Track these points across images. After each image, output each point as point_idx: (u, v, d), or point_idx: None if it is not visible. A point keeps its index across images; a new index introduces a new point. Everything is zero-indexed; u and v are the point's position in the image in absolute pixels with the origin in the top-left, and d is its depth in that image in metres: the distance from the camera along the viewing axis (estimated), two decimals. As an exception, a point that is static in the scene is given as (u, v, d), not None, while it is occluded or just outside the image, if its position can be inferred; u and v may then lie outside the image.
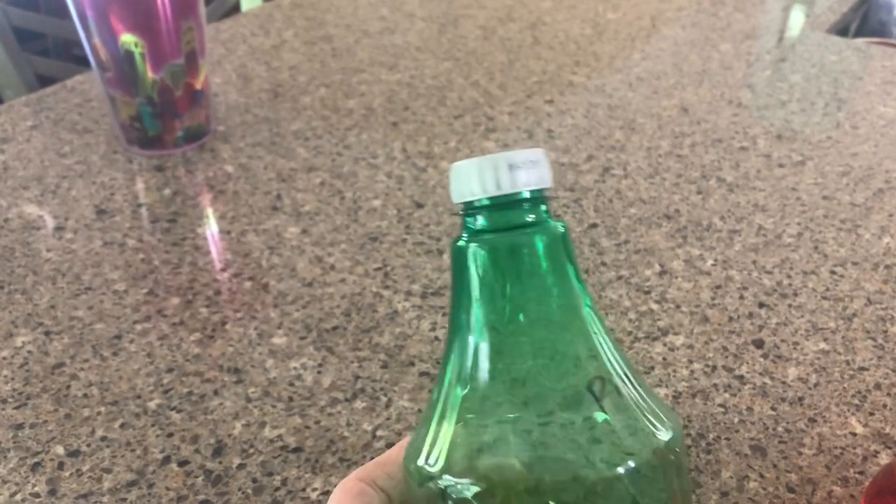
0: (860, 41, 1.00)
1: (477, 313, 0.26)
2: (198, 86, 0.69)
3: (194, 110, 0.70)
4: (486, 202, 0.26)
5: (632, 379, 0.26)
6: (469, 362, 0.26)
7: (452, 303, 0.27)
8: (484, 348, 0.25)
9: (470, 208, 0.26)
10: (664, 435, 0.25)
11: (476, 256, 0.26)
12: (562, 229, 0.26)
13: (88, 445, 0.44)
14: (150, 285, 0.55)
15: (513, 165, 0.25)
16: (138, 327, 0.52)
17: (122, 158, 0.70)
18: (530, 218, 0.26)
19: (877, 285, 0.56)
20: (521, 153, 0.25)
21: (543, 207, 0.26)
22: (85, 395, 0.47)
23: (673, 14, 1.02)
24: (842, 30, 1.10)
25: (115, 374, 0.49)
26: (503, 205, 0.26)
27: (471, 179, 0.25)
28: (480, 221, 0.26)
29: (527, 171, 0.25)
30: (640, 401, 0.25)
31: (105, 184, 0.66)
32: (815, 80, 0.85)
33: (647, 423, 0.25)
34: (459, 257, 0.26)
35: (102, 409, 0.46)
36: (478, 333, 0.26)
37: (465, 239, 0.26)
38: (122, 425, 0.45)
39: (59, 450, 0.44)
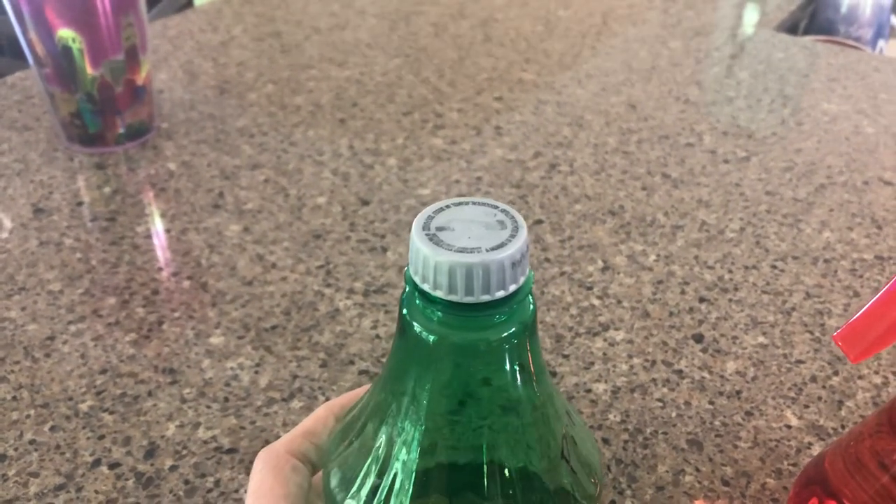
0: (807, 39, 1.01)
1: (421, 396, 0.24)
2: (139, 82, 0.68)
3: (136, 107, 0.68)
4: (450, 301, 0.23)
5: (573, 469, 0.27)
6: (411, 439, 0.25)
7: (395, 362, 0.26)
8: (430, 432, 0.25)
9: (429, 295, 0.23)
10: None
11: (429, 345, 0.24)
12: (528, 318, 0.24)
13: (16, 449, 0.43)
14: (87, 285, 0.54)
15: (488, 271, 0.22)
16: (72, 328, 0.51)
17: (62, 156, 0.68)
18: (497, 317, 0.23)
19: (816, 279, 0.56)
20: (504, 253, 0.22)
21: (513, 301, 0.23)
22: (14, 398, 0.46)
23: (624, 11, 1.03)
24: (791, 27, 1.11)
25: (46, 376, 0.47)
26: (469, 307, 0.23)
27: (436, 273, 0.22)
28: (438, 313, 0.23)
29: (507, 273, 0.22)
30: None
31: (44, 182, 0.65)
32: (762, 77, 0.86)
33: None
34: (411, 335, 0.24)
35: (32, 411, 0.45)
36: (419, 415, 0.25)
37: (419, 318, 0.24)
38: (51, 428, 0.44)
39: (-14, 454, 0.43)
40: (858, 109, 0.79)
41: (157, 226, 0.60)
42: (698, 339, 0.51)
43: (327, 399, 0.46)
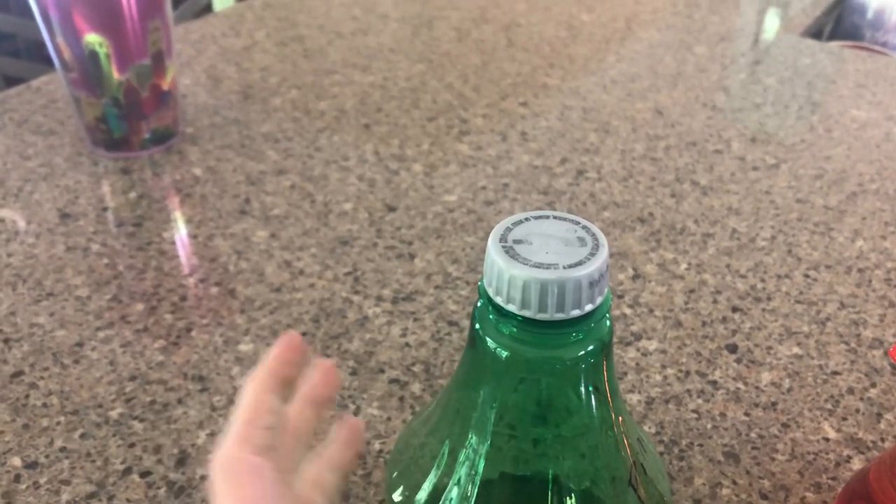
0: (834, 44, 1.00)
1: (493, 410, 0.24)
2: (165, 87, 0.68)
3: (161, 112, 0.68)
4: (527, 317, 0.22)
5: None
6: (482, 456, 0.24)
7: (465, 374, 0.25)
8: (497, 446, 0.24)
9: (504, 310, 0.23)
10: None
11: (501, 360, 0.23)
12: (606, 338, 0.24)
13: (47, 457, 0.43)
14: (114, 291, 0.54)
15: (568, 288, 0.21)
16: (101, 334, 0.51)
17: (87, 161, 0.68)
18: (573, 335, 0.23)
19: (850, 289, 0.56)
20: (581, 272, 0.22)
21: (591, 319, 0.23)
22: (44, 405, 0.46)
23: (648, 16, 1.02)
24: (815, 33, 1.10)
25: (75, 383, 0.47)
26: (543, 324, 0.22)
27: (510, 287, 0.22)
28: (512, 328, 0.23)
29: (584, 293, 0.22)
30: None
31: (69, 187, 0.65)
32: (789, 83, 0.85)
33: None
34: (482, 349, 0.23)
35: (62, 418, 0.45)
36: (487, 425, 0.24)
37: (492, 332, 0.23)
38: (82, 435, 0.44)
39: (16, 461, 0.42)
40: (888, 116, 0.78)
41: (184, 231, 0.60)
42: (732, 349, 0.51)
43: (357, 408, 0.46)
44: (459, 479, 0.25)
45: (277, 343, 0.31)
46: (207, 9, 1.54)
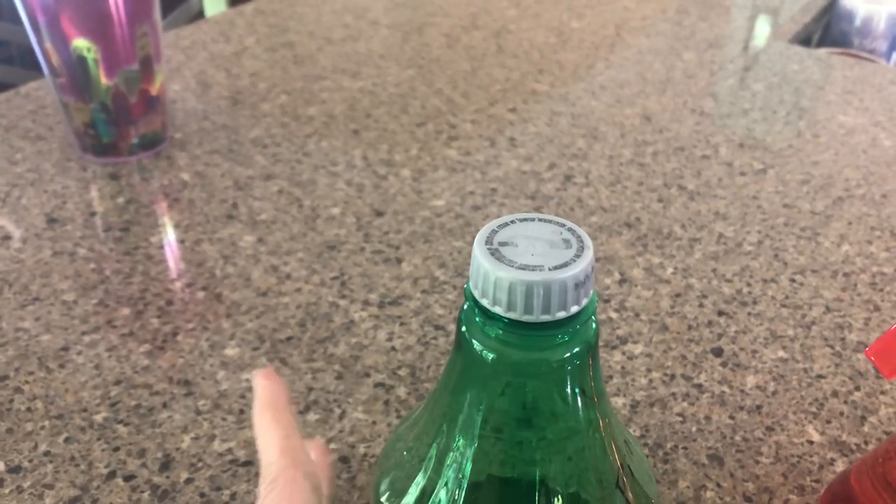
0: (822, 51, 1.01)
1: (481, 412, 0.24)
2: (153, 92, 0.68)
3: (150, 117, 0.68)
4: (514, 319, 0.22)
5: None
6: (468, 456, 0.24)
7: (451, 377, 0.25)
8: (487, 448, 0.24)
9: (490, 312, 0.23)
10: None
11: (487, 363, 0.23)
12: (592, 339, 0.24)
13: (30, 461, 0.43)
14: (101, 295, 0.54)
15: (555, 290, 0.21)
16: (86, 338, 0.51)
17: (75, 166, 0.68)
18: (559, 337, 0.23)
19: (835, 293, 0.56)
20: (567, 273, 0.22)
21: (577, 321, 0.23)
22: (28, 409, 0.46)
23: (637, 23, 1.02)
24: (804, 39, 1.11)
25: (60, 387, 0.47)
26: (529, 326, 0.22)
27: (496, 289, 0.22)
28: (498, 330, 0.23)
29: (570, 294, 0.22)
30: None
31: (57, 192, 0.65)
32: (777, 89, 0.85)
33: None
34: (469, 352, 0.23)
35: (46, 423, 0.45)
36: (475, 428, 0.24)
37: (478, 334, 0.23)
38: (66, 439, 0.44)
39: (0, 466, 0.42)
40: (875, 122, 0.78)
41: (171, 236, 0.60)
42: (717, 352, 0.51)
43: (343, 412, 0.46)
44: (447, 483, 0.25)
45: (258, 377, 0.32)
46: (200, 15, 1.54)
